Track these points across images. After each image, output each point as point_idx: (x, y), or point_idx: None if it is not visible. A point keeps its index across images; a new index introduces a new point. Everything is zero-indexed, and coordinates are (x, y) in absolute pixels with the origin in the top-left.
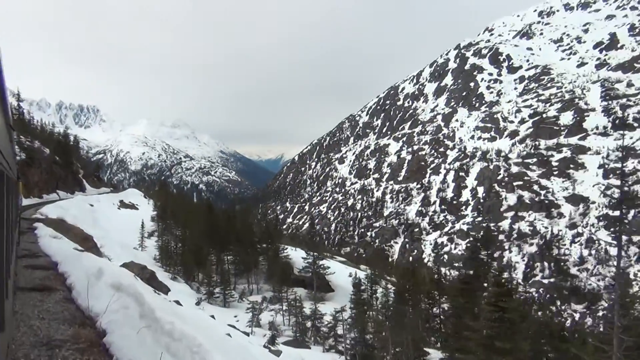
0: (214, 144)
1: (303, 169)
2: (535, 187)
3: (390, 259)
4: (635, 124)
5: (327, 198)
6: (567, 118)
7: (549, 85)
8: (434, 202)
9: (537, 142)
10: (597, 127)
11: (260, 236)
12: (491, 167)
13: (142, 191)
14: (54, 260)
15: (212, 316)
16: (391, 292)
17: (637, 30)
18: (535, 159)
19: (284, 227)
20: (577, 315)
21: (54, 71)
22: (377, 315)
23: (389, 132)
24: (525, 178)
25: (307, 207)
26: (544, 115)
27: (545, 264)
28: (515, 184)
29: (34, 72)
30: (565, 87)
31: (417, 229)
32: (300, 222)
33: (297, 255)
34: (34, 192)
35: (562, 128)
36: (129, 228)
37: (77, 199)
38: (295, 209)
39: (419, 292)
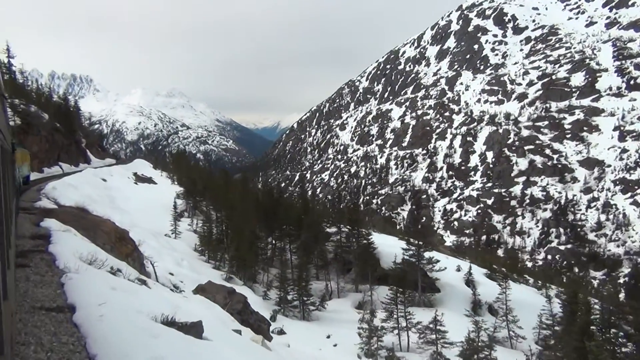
0: (210, 112)
1: (303, 136)
2: (548, 151)
3: (397, 227)
4: None
5: (328, 165)
6: (578, 79)
7: (557, 45)
8: (441, 168)
9: (547, 105)
10: (610, 88)
11: (334, 219)
12: (500, 131)
13: (149, 161)
14: None
15: None
16: None
17: None
18: (546, 122)
19: (285, 196)
20: (595, 282)
21: (45, 42)
22: None
23: (390, 97)
24: (537, 142)
25: (308, 175)
26: (554, 77)
27: (561, 229)
28: (526, 148)
29: (23, 43)
30: (575, 48)
31: (424, 196)
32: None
33: (380, 242)
34: (34, 165)
35: (573, 89)
36: (152, 208)
37: (86, 174)
38: (297, 177)
39: None
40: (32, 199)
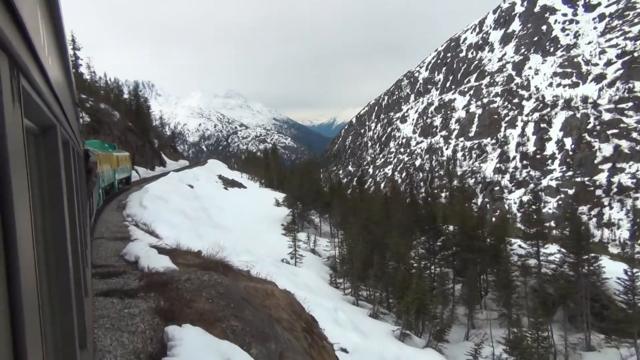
0: (267, 111)
1: (362, 130)
2: (635, 134)
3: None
4: None
5: (391, 159)
6: None
7: (636, 20)
8: (514, 158)
9: (630, 85)
10: None
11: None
12: (578, 115)
13: (221, 160)
14: None
15: None
16: None
17: None
18: (630, 103)
19: (348, 192)
20: None
21: (106, 51)
22: None
23: (453, 87)
24: (622, 125)
25: (370, 170)
26: (636, 54)
27: None
28: (609, 132)
29: (89, 52)
30: None
31: (497, 188)
32: (366, 186)
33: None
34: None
35: None
36: (253, 220)
37: (171, 180)
38: (359, 173)
39: None
40: (115, 232)
